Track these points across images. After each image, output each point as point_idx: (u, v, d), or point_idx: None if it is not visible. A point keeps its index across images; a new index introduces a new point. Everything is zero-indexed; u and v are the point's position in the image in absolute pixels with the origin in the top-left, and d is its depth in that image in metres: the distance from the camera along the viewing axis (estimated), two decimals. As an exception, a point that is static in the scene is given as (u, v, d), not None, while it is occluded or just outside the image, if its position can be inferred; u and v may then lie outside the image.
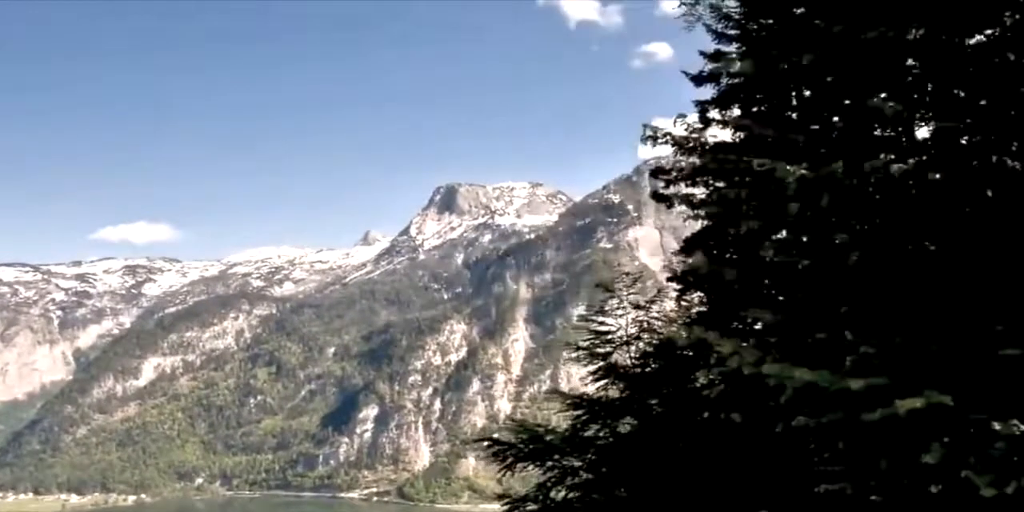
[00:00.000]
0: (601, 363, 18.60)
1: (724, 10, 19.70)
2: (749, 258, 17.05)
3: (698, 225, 19.65)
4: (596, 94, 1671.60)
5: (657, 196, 19.96)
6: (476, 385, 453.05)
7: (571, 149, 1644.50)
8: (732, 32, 19.68)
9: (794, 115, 18.65)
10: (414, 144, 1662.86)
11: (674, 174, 19.75)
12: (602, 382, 18.42)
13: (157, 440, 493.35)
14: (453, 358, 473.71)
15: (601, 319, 19.29)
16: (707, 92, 19.33)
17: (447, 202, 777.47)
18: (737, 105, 19.78)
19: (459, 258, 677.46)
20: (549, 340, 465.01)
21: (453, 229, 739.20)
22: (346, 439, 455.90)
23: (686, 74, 19.70)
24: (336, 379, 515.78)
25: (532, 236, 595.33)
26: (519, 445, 17.44)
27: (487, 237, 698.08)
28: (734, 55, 19.30)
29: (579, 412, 18.32)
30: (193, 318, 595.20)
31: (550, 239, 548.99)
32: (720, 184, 18.82)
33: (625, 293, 19.84)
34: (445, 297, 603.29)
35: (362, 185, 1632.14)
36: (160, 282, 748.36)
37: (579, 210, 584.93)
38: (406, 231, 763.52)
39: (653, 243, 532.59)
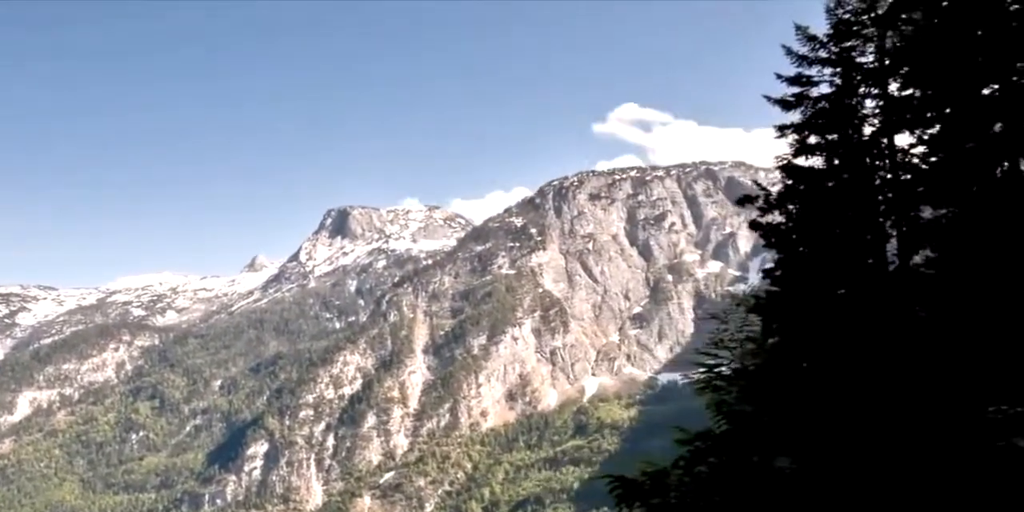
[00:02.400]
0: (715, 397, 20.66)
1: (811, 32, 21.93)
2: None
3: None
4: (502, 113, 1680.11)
5: (754, 225, 22.79)
6: (371, 420, 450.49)
7: (470, 171, 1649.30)
8: (817, 55, 21.91)
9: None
10: (305, 165, 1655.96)
11: (763, 202, 22.68)
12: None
13: (33, 479, 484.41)
14: (347, 391, 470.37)
15: (715, 351, 21.36)
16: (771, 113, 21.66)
17: (339, 226, 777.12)
18: (815, 132, 22.29)
19: (352, 285, 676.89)
20: (448, 372, 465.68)
21: (345, 254, 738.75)
22: (234, 477, 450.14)
23: (768, 98, 22.30)
24: (223, 413, 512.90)
25: (429, 262, 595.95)
26: (642, 481, 19.02)
27: (381, 263, 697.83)
28: (817, 78, 21.69)
29: (697, 445, 19.95)
30: (70, 349, 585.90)
31: (448, 265, 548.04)
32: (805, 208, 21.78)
33: (736, 325, 21.70)
34: (338, 326, 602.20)
35: (249, 208, 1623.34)
36: (35, 311, 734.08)
37: (479, 234, 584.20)
38: (296, 256, 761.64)
39: (558, 269, 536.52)
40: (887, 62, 21.52)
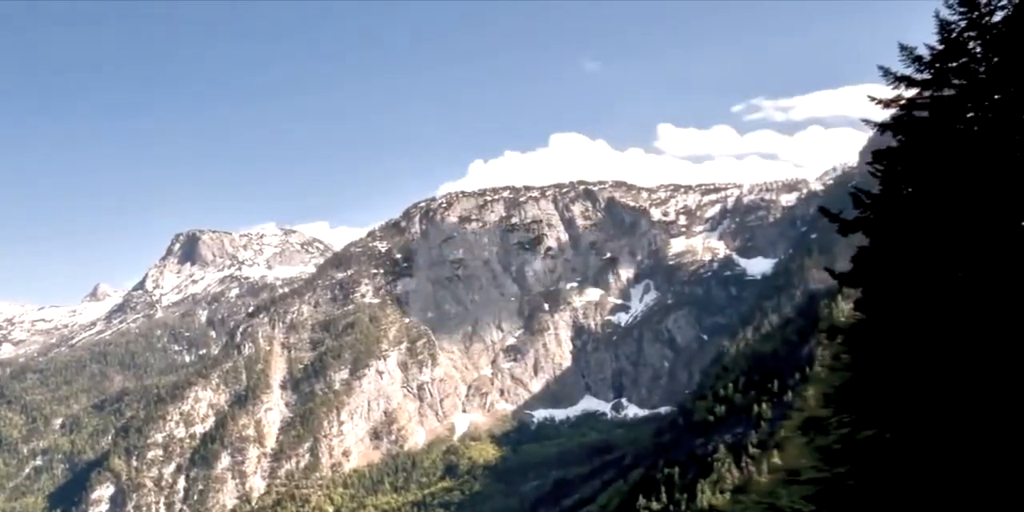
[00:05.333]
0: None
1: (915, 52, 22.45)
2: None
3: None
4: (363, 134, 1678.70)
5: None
6: (225, 460, 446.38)
7: (331, 192, 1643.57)
8: (921, 76, 22.51)
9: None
10: (151, 186, 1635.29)
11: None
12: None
13: None
14: (198, 429, 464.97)
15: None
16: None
17: (188, 251, 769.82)
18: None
19: (203, 315, 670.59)
20: (308, 408, 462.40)
21: (195, 282, 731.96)
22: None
23: (866, 121, 23.12)
24: (65, 454, 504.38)
25: (286, 290, 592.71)
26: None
27: (234, 291, 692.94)
28: (919, 99, 22.40)
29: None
30: None
31: (307, 293, 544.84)
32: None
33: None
34: (188, 360, 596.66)
35: (90, 231, 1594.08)
36: None
37: (340, 260, 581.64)
38: (141, 284, 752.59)
39: (426, 297, 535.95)
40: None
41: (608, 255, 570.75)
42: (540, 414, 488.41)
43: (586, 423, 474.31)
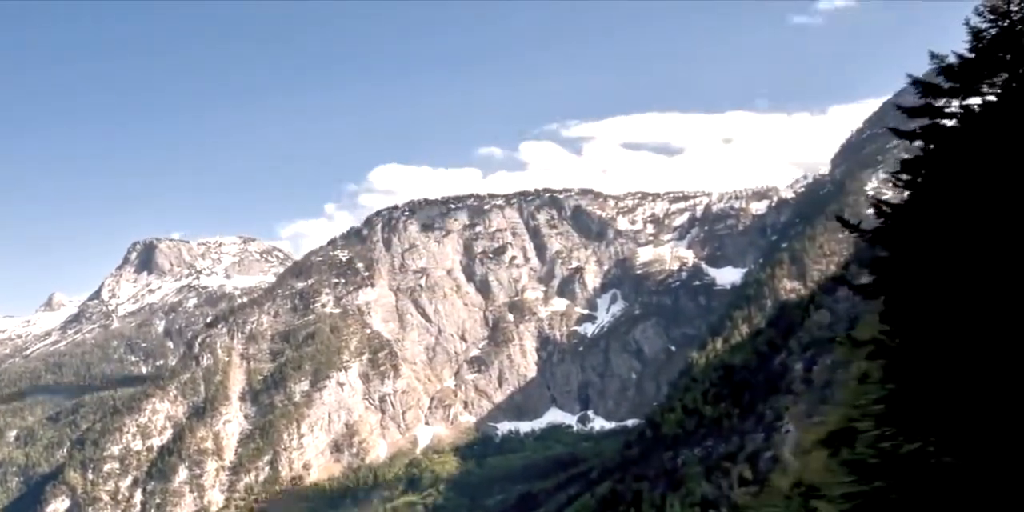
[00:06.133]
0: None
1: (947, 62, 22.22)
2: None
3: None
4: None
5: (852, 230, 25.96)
6: (183, 473, 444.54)
7: (286, 201, 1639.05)
8: (950, 85, 22.22)
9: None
10: (107, 193, 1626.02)
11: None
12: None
13: None
14: (156, 442, 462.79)
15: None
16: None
17: (145, 260, 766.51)
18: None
19: (160, 325, 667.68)
20: (268, 420, 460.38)
21: (152, 291, 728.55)
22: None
23: (895, 131, 22.87)
24: (19, 467, 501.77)
25: (245, 299, 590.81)
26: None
27: (192, 300, 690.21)
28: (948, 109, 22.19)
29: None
30: None
31: (267, 303, 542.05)
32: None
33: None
34: (145, 371, 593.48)
35: (45, 239, 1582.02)
36: None
37: (300, 269, 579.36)
38: (97, 294, 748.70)
39: (388, 307, 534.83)
40: None
41: (574, 264, 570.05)
42: (505, 427, 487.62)
43: (551, 436, 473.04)
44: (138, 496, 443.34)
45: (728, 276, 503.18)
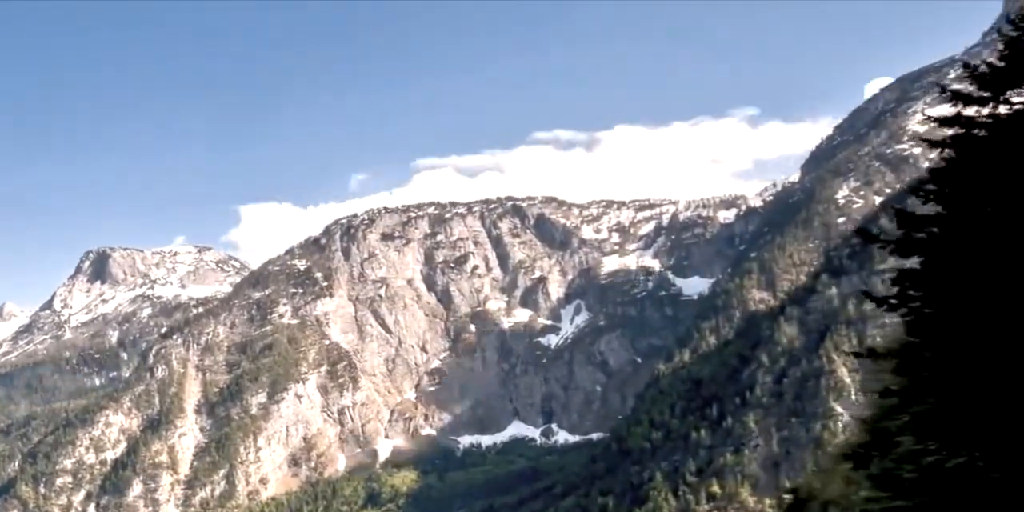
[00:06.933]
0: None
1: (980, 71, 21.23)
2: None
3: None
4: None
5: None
6: (137, 487, 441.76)
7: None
8: (982, 94, 21.12)
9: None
10: (59, 200, 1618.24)
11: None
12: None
13: None
14: (109, 455, 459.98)
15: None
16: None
17: (98, 269, 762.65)
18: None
19: (113, 336, 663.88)
20: (224, 433, 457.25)
21: (106, 301, 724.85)
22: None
23: (927, 141, 22.15)
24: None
25: (201, 309, 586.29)
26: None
27: (147, 311, 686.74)
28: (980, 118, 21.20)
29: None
30: None
31: (223, 313, 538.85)
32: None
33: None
34: (98, 383, 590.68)
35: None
36: None
37: (257, 279, 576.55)
38: (49, 304, 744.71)
39: (346, 318, 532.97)
40: None
41: (537, 274, 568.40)
42: (466, 440, 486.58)
43: (514, 450, 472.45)
44: (91, 510, 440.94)
45: (695, 286, 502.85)
